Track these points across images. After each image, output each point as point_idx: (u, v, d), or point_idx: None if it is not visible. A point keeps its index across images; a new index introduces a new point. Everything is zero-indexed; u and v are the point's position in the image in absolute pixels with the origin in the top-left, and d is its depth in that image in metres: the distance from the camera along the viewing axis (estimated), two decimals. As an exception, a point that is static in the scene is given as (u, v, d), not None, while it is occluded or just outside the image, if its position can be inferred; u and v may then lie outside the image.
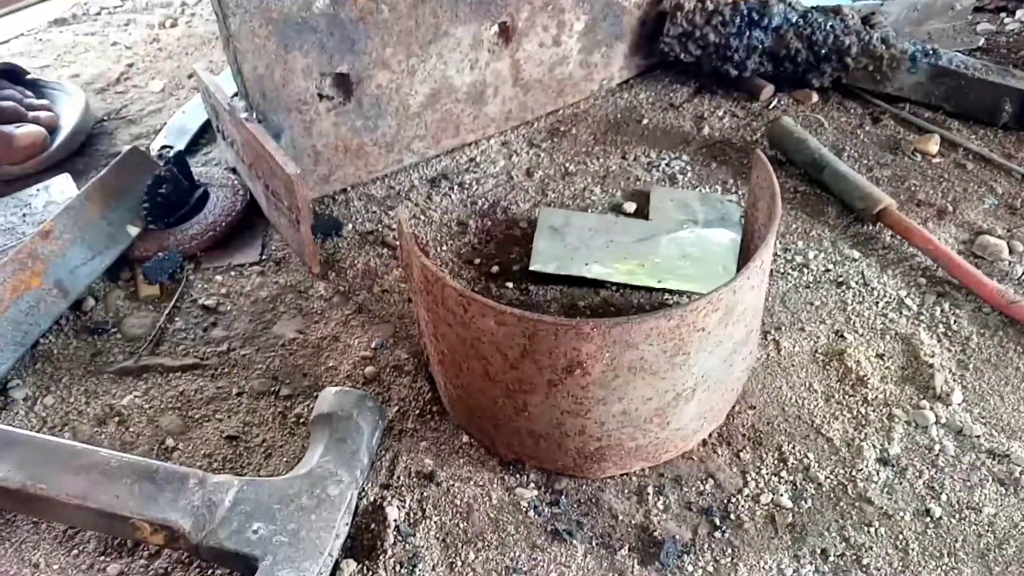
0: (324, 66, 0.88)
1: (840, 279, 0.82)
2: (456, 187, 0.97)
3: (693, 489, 0.65)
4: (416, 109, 0.97)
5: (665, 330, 0.57)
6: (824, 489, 0.64)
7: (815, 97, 1.08)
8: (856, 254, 0.85)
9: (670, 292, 0.82)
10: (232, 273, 0.87)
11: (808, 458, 0.66)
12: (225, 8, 0.79)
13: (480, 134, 1.04)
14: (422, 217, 0.93)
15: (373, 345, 0.78)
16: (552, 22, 1.00)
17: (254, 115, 0.86)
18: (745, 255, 0.78)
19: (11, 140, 1.00)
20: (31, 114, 1.03)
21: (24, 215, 0.93)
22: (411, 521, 0.63)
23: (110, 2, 1.35)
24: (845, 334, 0.76)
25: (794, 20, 1.04)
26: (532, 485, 0.66)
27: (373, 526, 0.63)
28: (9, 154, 1.00)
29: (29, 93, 1.07)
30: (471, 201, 0.95)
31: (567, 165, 1.00)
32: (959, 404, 0.70)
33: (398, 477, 0.66)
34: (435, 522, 0.63)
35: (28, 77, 1.10)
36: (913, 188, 0.94)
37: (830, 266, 0.84)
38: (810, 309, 0.79)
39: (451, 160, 1.02)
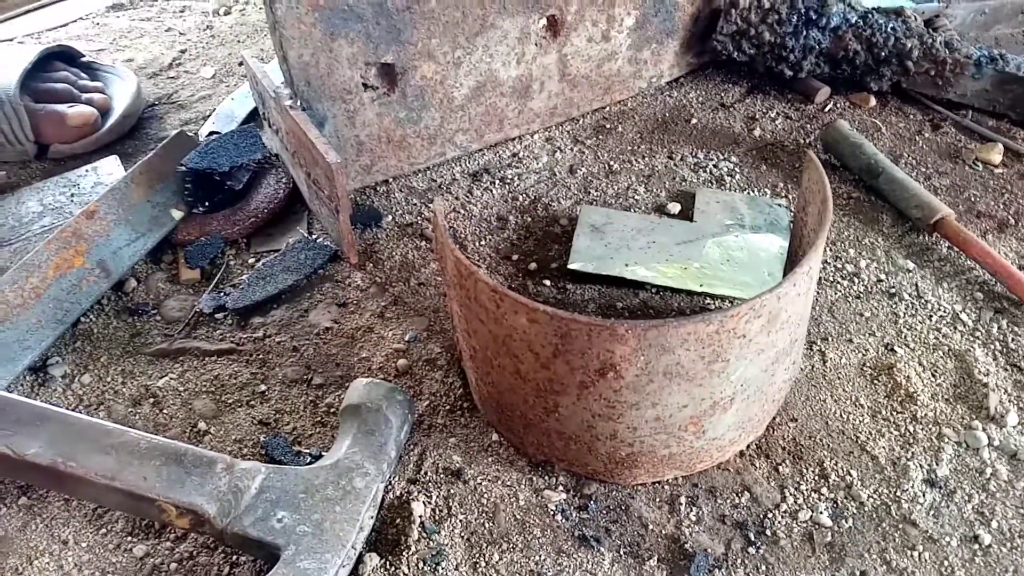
0: (369, 55, 0.87)
1: (892, 290, 0.79)
2: (497, 182, 0.96)
3: (728, 502, 0.63)
4: (460, 102, 0.96)
5: (703, 335, 0.55)
6: (866, 508, 0.62)
7: (873, 101, 1.04)
8: (910, 265, 0.82)
9: (712, 297, 0.80)
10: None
11: (851, 475, 0.63)
12: (273, -6, 0.79)
13: (524, 129, 1.03)
14: (462, 211, 0.92)
15: (407, 338, 0.77)
16: (602, 16, 0.98)
17: (299, 103, 0.86)
18: (793, 261, 0.75)
19: (63, 119, 1.01)
20: (84, 95, 1.05)
21: (72, 195, 0.95)
22: (436, 518, 0.62)
23: (166, -11, 1.37)
24: (895, 348, 0.73)
25: (853, 21, 1.00)
26: (560, 488, 0.64)
27: (398, 521, 0.62)
28: (60, 133, 1.02)
29: (83, 75, 1.09)
30: (512, 197, 0.94)
31: (611, 163, 0.98)
32: (1014, 427, 0.66)
33: (425, 473, 0.65)
34: (461, 520, 0.62)
35: (83, 60, 1.12)
36: (973, 198, 0.90)
37: (882, 276, 0.81)
38: (859, 320, 0.76)
39: (494, 155, 1.00)
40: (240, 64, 1.17)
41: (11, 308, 0.75)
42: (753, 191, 0.93)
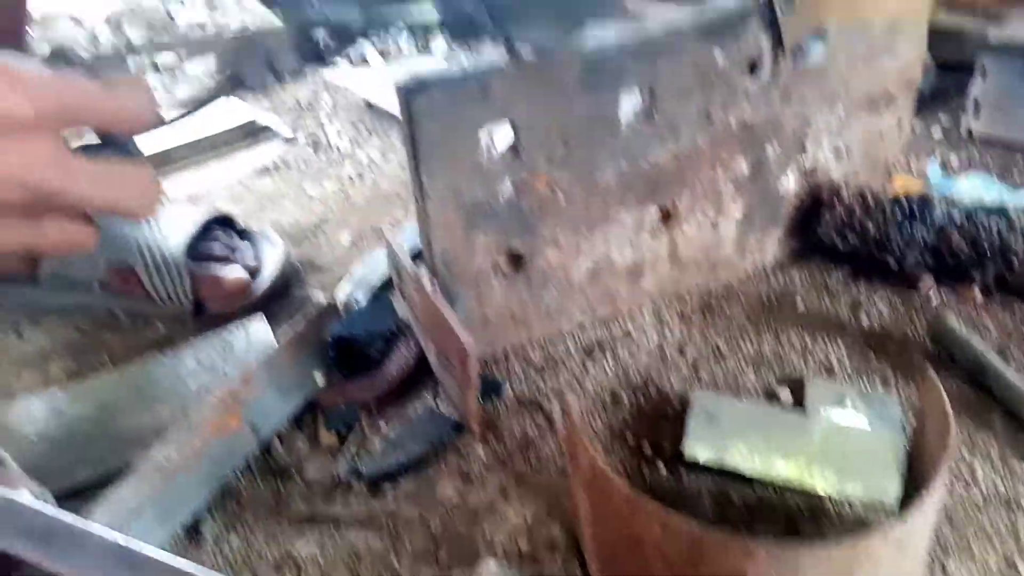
0: (501, 244, 0.96)
1: (1010, 499, 0.80)
2: (610, 358, 1.02)
3: None
4: (578, 282, 1.03)
5: (835, 558, 0.57)
6: None
7: (977, 293, 1.07)
8: (1028, 473, 0.82)
9: (827, 493, 0.81)
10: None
11: None
12: (425, 194, 0.89)
13: (635, 305, 1.09)
14: (576, 386, 0.98)
15: (527, 517, 0.82)
16: (711, 208, 1.06)
17: (436, 285, 0.95)
18: (912, 474, 0.77)
19: (219, 281, 1.13)
20: (238, 258, 1.17)
21: (225, 354, 1.04)
22: None
23: (307, 154, 1.52)
24: (1018, 564, 0.73)
25: (957, 220, 1.05)
26: None
27: None
28: (216, 294, 1.14)
29: (237, 238, 1.22)
30: (624, 374, 0.99)
31: (719, 344, 1.03)
32: None
33: (550, 664, 0.68)
34: None
35: (236, 224, 1.25)
36: (1090, 402, 0.90)
37: (999, 483, 0.81)
38: (978, 531, 0.77)
39: (606, 330, 1.07)
40: (375, 230, 1.29)
41: (175, 468, 0.83)
42: (863, 381, 0.96)
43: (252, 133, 1.59)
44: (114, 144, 0.58)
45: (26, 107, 0.49)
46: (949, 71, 1.56)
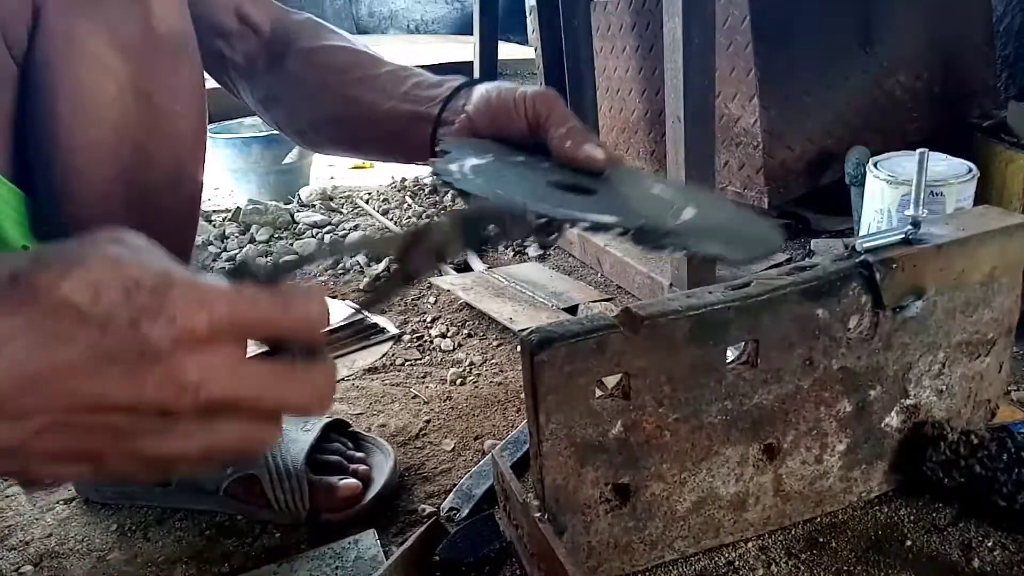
0: (609, 477, 1.00)
1: None
2: (715, 594, 1.02)
3: None
4: (682, 513, 1.05)
5: None
6: None
7: (1098, 541, 1.04)
8: None
9: None
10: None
11: None
12: (541, 434, 0.94)
13: (738, 536, 1.10)
14: (682, 624, 0.98)
15: None
16: (815, 444, 1.08)
17: (546, 516, 0.98)
18: None
19: (334, 491, 1.19)
20: (351, 467, 1.24)
21: (336, 567, 1.09)
22: None
23: (412, 355, 1.62)
24: None
25: (1070, 465, 1.04)
26: None
27: None
28: (330, 503, 1.19)
29: (351, 445, 1.29)
30: (730, 613, 0.99)
31: (827, 585, 1.02)
32: None
33: None
34: None
35: (350, 429, 1.33)
36: None
37: None
38: None
39: (709, 560, 1.07)
40: (476, 439, 1.35)
41: None
42: (981, 636, 0.93)
43: (362, 331, 1.70)
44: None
45: (204, 324, 0.50)
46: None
